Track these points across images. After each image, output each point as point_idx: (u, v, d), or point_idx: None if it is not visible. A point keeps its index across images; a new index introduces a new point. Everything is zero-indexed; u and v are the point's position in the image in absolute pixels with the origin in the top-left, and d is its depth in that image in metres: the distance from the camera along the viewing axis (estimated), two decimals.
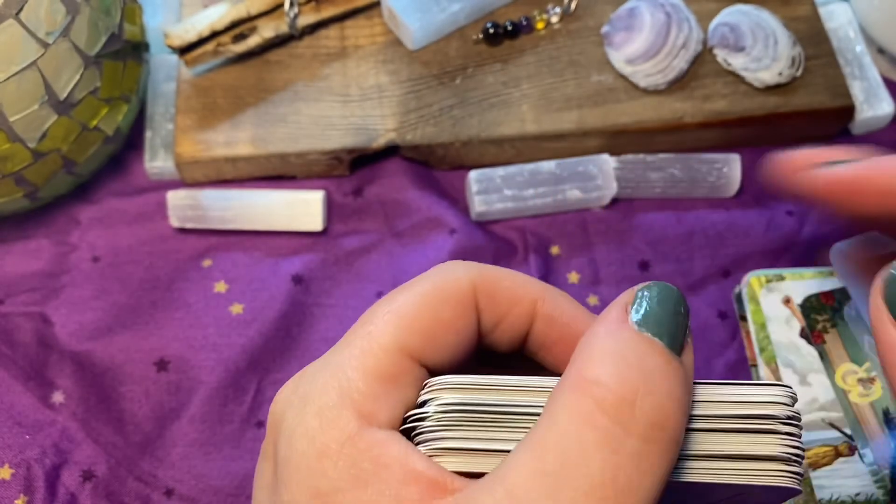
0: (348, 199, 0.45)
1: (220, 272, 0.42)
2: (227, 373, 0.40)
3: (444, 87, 0.45)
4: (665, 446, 0.18)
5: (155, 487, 0.38)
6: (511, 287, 0.23)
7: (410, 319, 0.21)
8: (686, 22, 0.45)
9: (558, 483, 0.18)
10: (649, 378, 0.18)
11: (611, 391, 0.18)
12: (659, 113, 0.45)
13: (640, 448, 0.18)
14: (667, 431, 0.18)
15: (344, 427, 0.20)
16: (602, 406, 0.18)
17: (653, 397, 0.18)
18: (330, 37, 0.47)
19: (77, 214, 0.44)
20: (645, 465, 0.18)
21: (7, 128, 0.36)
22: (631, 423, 0.18)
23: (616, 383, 0.18)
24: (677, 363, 0.19)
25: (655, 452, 0.18)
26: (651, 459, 0.18)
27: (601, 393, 0.18)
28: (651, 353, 0.19)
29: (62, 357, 0.40)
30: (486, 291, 0.23)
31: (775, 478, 0.20)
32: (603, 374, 0.18)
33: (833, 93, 0.45)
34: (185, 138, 0.44)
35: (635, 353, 0.19)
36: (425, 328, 0.22)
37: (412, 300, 0.22)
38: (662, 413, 0.18)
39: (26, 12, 0.35)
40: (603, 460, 0.17)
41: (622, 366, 0.18)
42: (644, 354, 0.19)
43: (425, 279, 0.23)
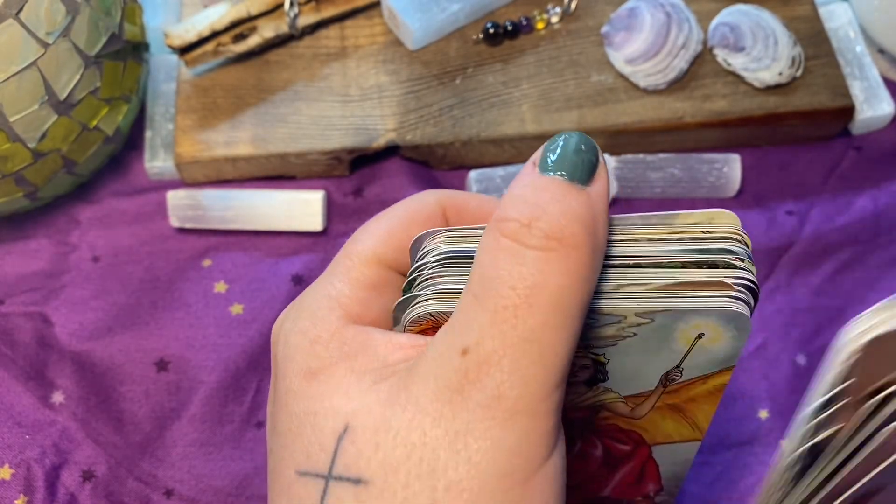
0: (348, 199, 0.45)
1: (220, 272, 0.42)
2: (227, 373, 0.40)
3: (444, 87, 0.45)
4: (564, 252, 0.21)
5: (155, 487, 0.38)
6: (478, 206, 0.26)
7: (387, 237, 0.25)
8: (686, 22, 0.45)
9: (484, 296, 0.21)
10: (544, 203, 0.21)
11: (511, 219, 0.21)
12: (659, 113, 0.45)
13: (539, 255, 0.20)
14: (564, 241, 0.21)
15: (334, 322, 0.23)
16: (505, 233, 0.21)
17: (547, 216, 0.21)
18: (330, 37, 0.47)
19: (77, 214, 0.44)
20: (547, 269, 0.20)
21: (7, 128, 0.36)
22: (528, 238, 0.21)
23: (516, 213, 0.21)
24: (576, 189, 0.22)
25: (555, 258, 0.20)
26: (552, 264, 0.20)
27: (502, 224, 0.21)
28: (547, 185, 0.22)
29: (62, 357, 0.40)
30: (454, 210, 0.26)
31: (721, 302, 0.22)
32: (507, 211, 0.21)
33: (833, 93, 0.45)
34: (185, 138, 0.44)
35: (534, 189, 0.22)
36: (400, 242, 0.25)
37: (387, 222, 0.26)
38: (557, 227, 0.21)
39: (26, 12, 0.35)
40: (510, 270, 0.20)
41: (521, 201, 0.21)
42: (540, 188, 0.22)
43: (398, 205, 0.26)
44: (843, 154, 0.46)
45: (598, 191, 0.22)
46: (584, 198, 0.22)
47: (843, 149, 0.47)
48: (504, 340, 0.20)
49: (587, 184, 0.22)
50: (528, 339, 0.20)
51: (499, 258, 0.21)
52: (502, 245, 0.21)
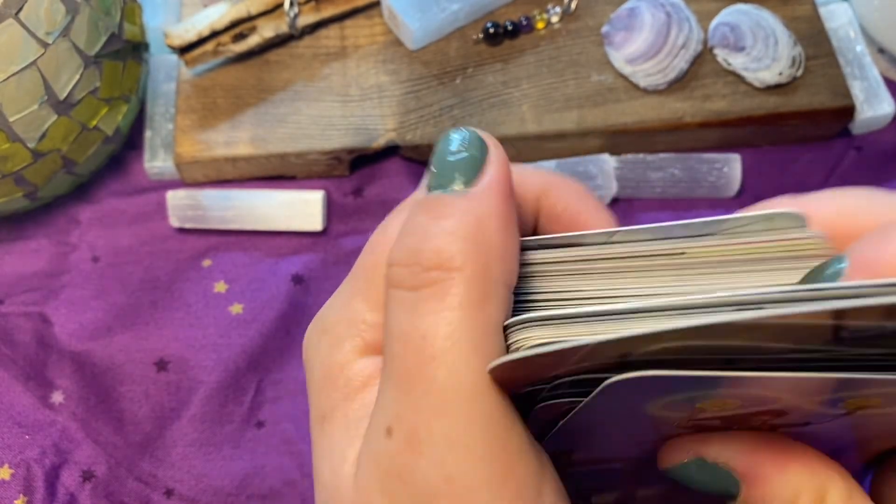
0: (348, 199, 0.45)
1: (220, 272, 0.42)
2: (226, 373, 0.40)
3: (444, 86, 0.45)
4: (448, 281, 0.18)
5: (155, 487, 0.38)
6: (520, 180, 0.23)
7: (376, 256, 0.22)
8: (686, 22, 0.45)
9: (387, 359, 0.18)
10: (420, 232, 0.18)
11: (394, 263, 0.19)
12: (659, 113, 0.45)
13: (422, 295, 0.18)
14: (443, 266, 0.18)
15: (347, 352, 0.21)
16: (392, 282, 0.19)
17: (425, 246, 0.18)
18: (330, 37, 0.47)
19: (77, 214, 0.44)
20: (433, 307, 0.18)
21: (7, 128, 0.36)
22: (412, 279, 0.18)
23: (397, 254, 0.19)
24: (451, 199, 0.19)
25: (439, 292, 0.18)
26: (437, 300, 0.18)
27: (391, 271, 0.19)
28: (422, 206, 0.19)
29: (62, 357, 0.40)
30: None
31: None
32: (393, 251, 0.19)
33: (833, 93, 0.45)
34: (185, 138, 0.44)
35: (411, 216, 0.19)
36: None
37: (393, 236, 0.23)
38: (434, 254, 0.18)
39: (26, 12, 0.35)
40: (400, 322, 0.18)
41: (402, 236, 0.19)
42: (416, 212, 0.19)
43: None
44: (843, 154, 0.46)
45: (485, 185, 0.19)
46: (462, 205, 0.19)
47: (844, 149, 0.47)
48: (421, 412, 0.17)
49: (472, 184, 0.19)
50: (444, 401, 0.17)
51: (390, 313, 0.18)
52: (391, 297, 0.19)
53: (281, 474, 0.38)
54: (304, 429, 0.39)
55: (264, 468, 0.38)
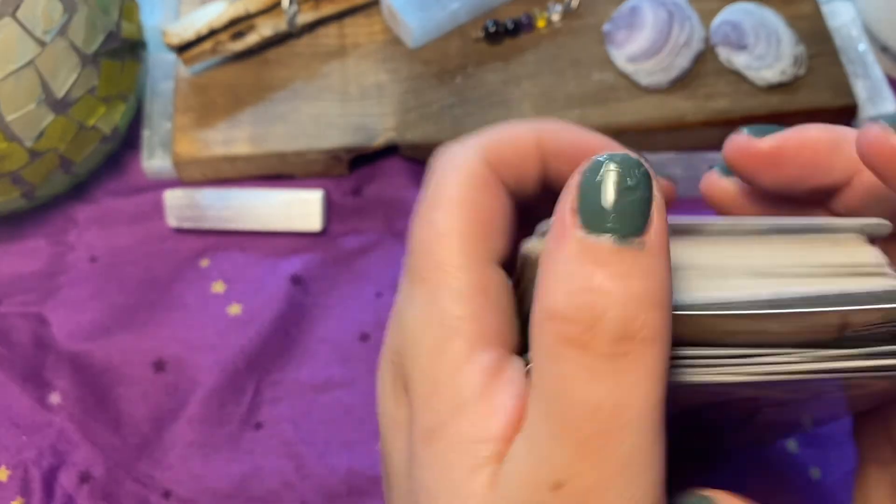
0: (347, 199, 0.44)
1: (218, 272, 0.42)
2: (225, 374, 0.39)
3: (444, 85, 0.45)
4: (641, 351, 0.17)
5: (153, 489, 0.38)
6: (579, 141, 0.23)
7: (472, 215, 0.21)
8: (688, 20, 0.45)
9: (560, 420, 0.17)
10: (602, 292, 0.17)
11: (567, 321, 0.17)
12: (661, 112, 0.44)
13: (613, 367, 0.17)
14: (637, 337, 0.17)
15: (452, 358, 0.20)
16: (565, 340, 0.17)
17: (611, 310, 0.17)
18: (329, 35, 0.47)
19: (74, 214, 0.44)
20: (626, 381, 0.17)
21: (4, 127, 0.36)
22: (596, 345, 0.17)
23: (571, 312, 0.17)
24: (633, 253, 0.17)
25: (633, 364, 0.17)
26: (631, 373, 0.17)
27: (560, 327, 0.17)
28: (599, 260, 0.17)
29: (59, 358, 0.40)
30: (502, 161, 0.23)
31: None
32: (556, 303, 0.18)
33: (836, 91, 0.45)
34: (183, 137, 0.44)
35: (582, 267, 0.17)
36: (489, 217, 0.21)
37: (451, 209, 0.21)
38: (624, 323, 0.17)
39: (23, 11, 0.35)
40: (585, 390, 0.17)
41: (572, 289, 0.17)
42: (592, 265, 0.17)
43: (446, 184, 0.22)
44: None
45: (659, 238, 0.18)
46: (645, 263, 0.17)
47: None
48: (601, 473, 0.17)
49: (643, 232, 0.17)
50: (626, 464, 0.17)
51: (566, 373, 0.17)
52: (566, 356, 0.17)
53: (279, 476, 0.38)
54: (303, 430, 0.39)
55: (262, 470, 0.38)
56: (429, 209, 0.22)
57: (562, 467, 0.17)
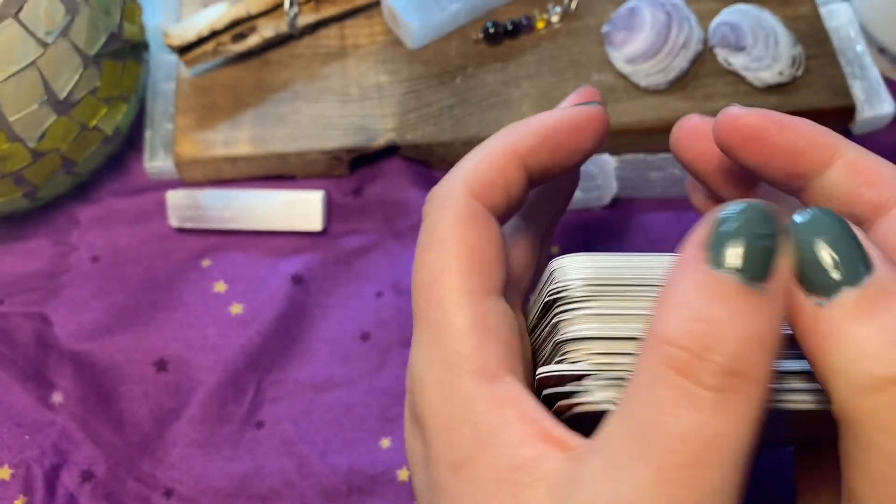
0: (348, 199, 0.45)
1: (220, 272, 0.42)
2: (226, 373, 0.40)
3: (444, 86, 0.45)
4: (745, 393, 0.17)
5: (154, 488, 0.38)
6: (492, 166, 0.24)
7: (472, 256, 0.22)
8: (686, 21, 0.45)
9: (646, 443, 0.17)
10: (718, 325, 0.17)
11: (679, 347, 0.17)
12: (659, 112, 0.44)
13: (717, 399, 0.17)
14: (744, 376, 0.17)
15: (462, 397, 0.21)
16: (672, 364, 0.17)
17: (725, 344, 0.17)
18: (330, 36, 0.47)
19: (76, 214, 0.44)
20: (724, 417, 0.17)
21: (6, 127, 0.36)
22: (703, 375, 0.17)
23: (683, 338, 0.17)
24: (756, 295, 0.17)
25: (734, 403, 0.17)
26: (730, 412, 0.17)
27: (670, 351, 0.17)
28: (720, 294, 0.18)
29: (61, 357, 0.40)
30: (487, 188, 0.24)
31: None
32: (670, 329, 0.18)
33: (834, 92, 0.45)
34: (184, 138, 0.44)
35: (702, 299, 0.18)
36: (473, 256, 0.22)
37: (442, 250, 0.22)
38: (736, 359, 0.17)
39: (25, 12, 0.35)
40: (679, 417, 0.17)
41: (687, 317, 0.18)
42: (712, 298, 0.18)
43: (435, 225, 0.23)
44: None
45: (780, 285, 0.18)
46: (765, 308, 0.18)
47: None
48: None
49: (765, 278, 0.18)
50: (706, 502, 0.17)
51: (665, 398, 0.17)
52: (669, 381, 0.17)
53: (281, 475, 0.38)
54: (304, 429, 0.39)
55: (263, 469, 0.38)
56: (422, 252, 0.23)
57: (639, 491, 0.17)
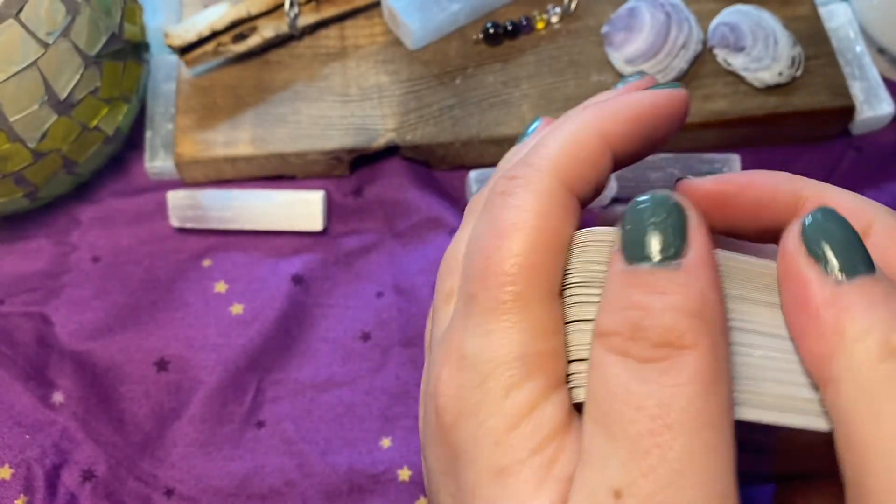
0: (348, 199, 0.45)
1: (220, 272, 0.42)
2: (226, 373, 0.40)
3: (444, 86, 0.45)
4: (680, 357, 0.18)
5: (155, 487, 0.38)
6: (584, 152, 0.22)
7: (536, 254, 0.21)
8: (686, 22, 0.45)
9: (609, 422, 0.18)
10: (639, 304, 0.19)
11: (612, 332, 0.19)
12: None
13: (659, 368, 0.18)
14: (675, 343, 0.18)
15: (529, 395, 0.20)
16: (612, 349, 0.19)
17: (648, 319, 0.18)
18: (330, 37, 0.47)
19: (77, 214, 0.44)
20: (669, 381, 0.18)
21: (7, 128, 0.36)
22: (637, 351, 0.18)
23: (615, 324, 0.19)
24: (668, 271, 0.19)
25: (673, 368, 0.18)
26: (672, 375, 0.18)
27: (607, 340, 0.19)
28: (638, 283, 0.19)
29: (62, 357, 0.40)
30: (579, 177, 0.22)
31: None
32: (605, 322, 0.19)
33: (833, 93, 0.45)
34: (185, 138, 0.44)
35: (622, 287, 0.19)
36: (553, 251, 0.21)
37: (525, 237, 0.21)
38: (661, 330, 0.18)
39: (26, 12, 0.35)
40: (629, 389, 0.18)
41: (615, 307, 0.19)
42: (629, 285, 0.19)
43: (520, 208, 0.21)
44: (843, 154, 0.46)
45: (697, 256, 0.19)
46: (681, 279, 0.19)
47: (843, 149, 0.47)
48: (657, 480, 0.18)
49: (681, 254, 0.19)
50: (680, 471, 0.17)
51: (612, 377, 0.19)
52: (612, 362, 0.19)
53: (281, 474, 0.38)
54: (304, 429, 0.39)
55: (264, 468, 0.38)
56: (505, 235, 0.21)
57: (618, 473, 0.18)
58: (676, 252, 0.19)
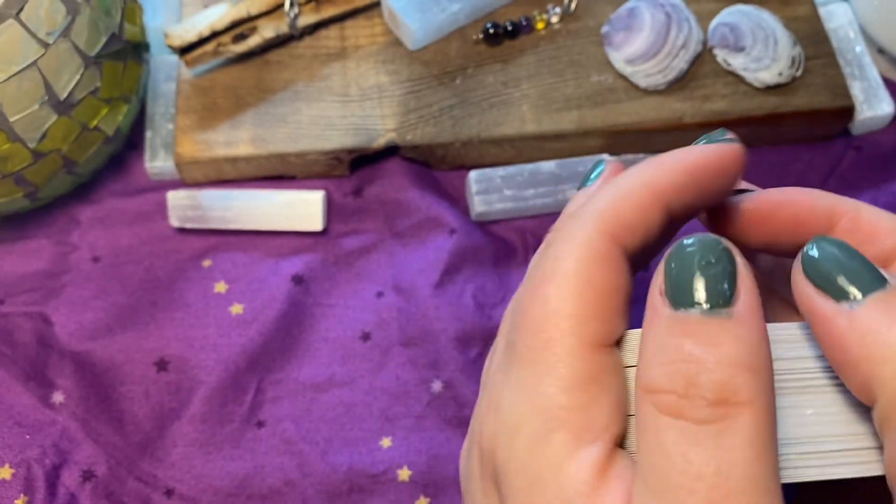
0: (348, 199, 0.45)
1: (220, 272, 0.42)
2: (226, 373, 0.40)
3: (444, 87, 0.45)
4: (739, 416, 0.17)
5: (155, 487, 0.38)
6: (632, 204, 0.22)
7: (588, 298, 0.20)
8: (686, 22, 0.45)
9: (664, 490, 0.17)
10: (692, 358, 0.18)
11: (664, 392, 0.18)
12: (659, 113, 0.45)
13: (716, 430, 0.17)
14: (732, 401, 0.17)
15: (556, 451, 0.19)
16: (664, 409, 0.18)
17: (703, 375, 0.17)
18: (330, 37, 0.47)
19: (77, 214, 0.44)
20: (727, 444, 0.17)
21: (7, 128, 0.36)
22: (692, 412, 0.17)
23: (666, 382, 0.18)
24: (723, 322, 0.18)
25: (732, 429, 0.17)
26: (731, 437, 0.17)
27: (657, 398, 0.18)
28: (688, 332, 0.18)
29: (62, 357, 0.40)
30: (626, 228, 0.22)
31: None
32: (652, 377, 0.18)
33: (833, 93, 0.45)
34: (185, 138, 0.44)
35: (674, 340, 0.18)
36: (598, 300, 0.20)
37: (567, 285, 0.20)
38: (721, 388, 0.17)
39: (27, 12, 0.35)
40: (686, 456, 0.17)
41: (665, 361, 0.18)
42: (683, 337, 0.18)
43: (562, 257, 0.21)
44: (843, 154, 0.46)
45: (748, 307, 0.18)
46: (733, 330, 0.18)
47: (843, 149, 0.47)
48: None
49: (731, 303, 0.18)
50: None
51: (667, 442, 0.18)
52: (664, 425, 0.18)
53: (281, 474, 0.38)
54: (305, 429, 0.39)
55: (264, 468, 0.38)
56: (541, 283, 0.20)
57: None
58: (727, 300, 0.18)
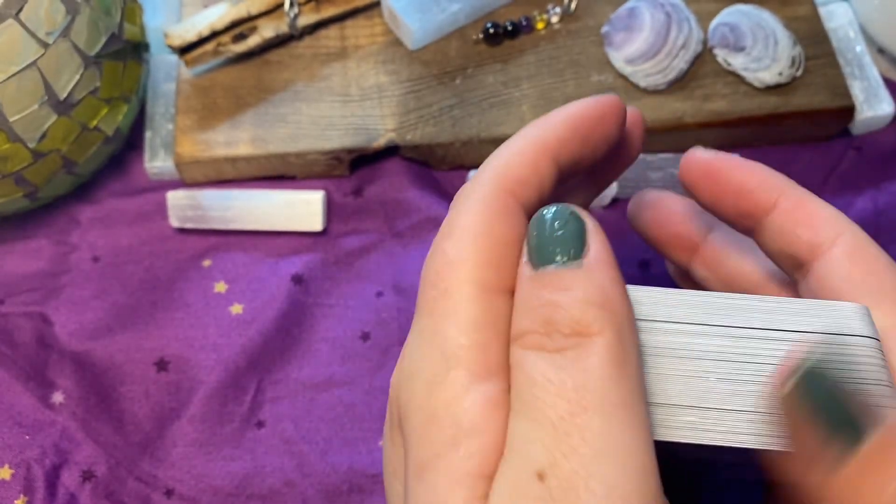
0: (348, 199, 0.45)
1: (220, 272, 0.42)
2: (226, 373, 0.40)
3: (443, 87, 0.45)
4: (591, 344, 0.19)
5: (155, 487, 0.38)
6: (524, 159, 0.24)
7: (485, 250, 0.22)
8: (686, 22, 0.45)
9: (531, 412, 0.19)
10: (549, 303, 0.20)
11: (528, 332, 0.20)
12: (659, 113, 0.45)
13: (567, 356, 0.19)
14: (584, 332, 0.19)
15: (450, 388, 0.20)
16: (529, 346, 0.20)
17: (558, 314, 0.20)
18: (330, 37, 0.47)
19: (77, 214, 0.44)
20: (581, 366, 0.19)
21: (7, 128, 0.36)
22: (554, 342, 0.20)
23: (529, 324, 0.20)
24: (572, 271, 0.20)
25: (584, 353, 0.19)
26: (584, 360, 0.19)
27: (524, 339, 0.20)
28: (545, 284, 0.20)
29: (62, 357, 0.40)
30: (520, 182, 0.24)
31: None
32: (520, 324, 0.20)
33: (833, 93, 0.45)
34: (185, 138, 0.44)
35: (532, 289, 0.21)
36: (494, 250, 0.22)
37: (462, 237, 0.22)
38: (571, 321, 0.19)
39: (26, 12, 0.35)
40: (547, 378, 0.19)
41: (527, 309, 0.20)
42: (541, 289, 0.20)
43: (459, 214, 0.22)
44: (843, 154, 0.46)
45: (596, 255, 0.21)
46: (584, 276, 0.20)
47: (843, 149, 0.47)
48: (579, 460, 0.18)
49: (581, 256, 0.21)
50: (601, 450, 0.18)
51: (532, 371, 0.19)
52: (530, 359, 0.20)
53: (281, 474, 0.38)
54: (304, 429, 0.39)
55: (264, 468, 0.38)
56: (440, 240, 0.22)
57: (541, 455, 0.19)
58: (577, 253, 0.21)
